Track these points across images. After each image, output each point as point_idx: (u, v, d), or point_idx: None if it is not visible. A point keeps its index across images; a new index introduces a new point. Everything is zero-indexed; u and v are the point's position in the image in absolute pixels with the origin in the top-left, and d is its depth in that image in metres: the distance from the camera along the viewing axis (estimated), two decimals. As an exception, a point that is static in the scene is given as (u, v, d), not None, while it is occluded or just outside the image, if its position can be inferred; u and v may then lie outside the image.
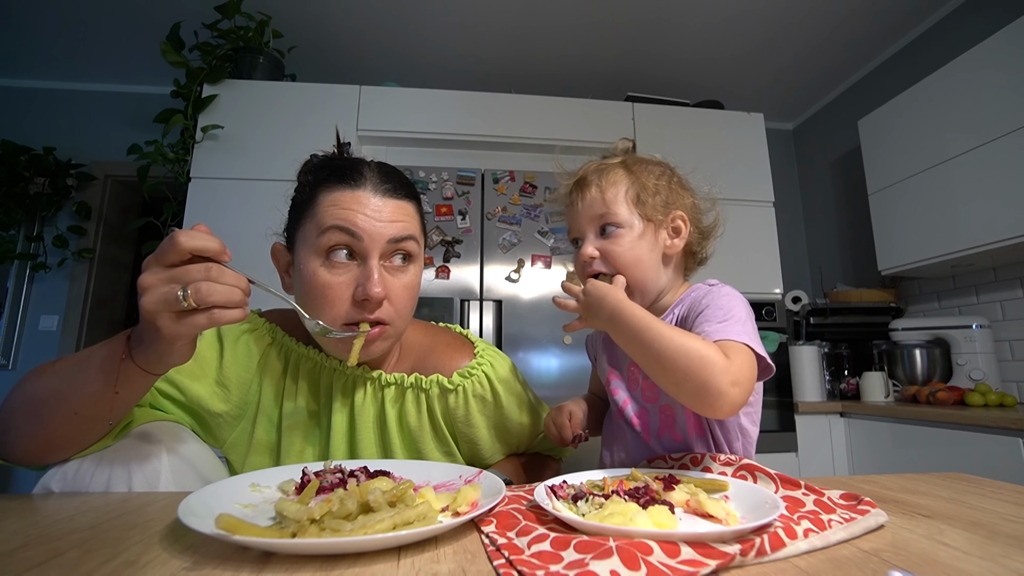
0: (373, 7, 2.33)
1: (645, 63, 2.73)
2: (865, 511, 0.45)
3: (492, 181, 2.19)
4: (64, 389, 0.53)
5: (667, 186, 0.71)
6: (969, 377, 1.96)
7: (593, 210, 0.70)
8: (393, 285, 0.65)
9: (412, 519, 0.40)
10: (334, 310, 0.62)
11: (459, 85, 2.69)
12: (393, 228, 0.64)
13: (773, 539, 0.38)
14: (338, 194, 0.64)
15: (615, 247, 0.68)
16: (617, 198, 0.69)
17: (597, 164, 0.73)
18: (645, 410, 0.70)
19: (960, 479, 0.64)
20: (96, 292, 2.71)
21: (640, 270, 0.68)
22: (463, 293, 2.08)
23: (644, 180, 0.70)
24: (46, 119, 2.78)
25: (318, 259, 0.63)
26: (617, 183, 0.70)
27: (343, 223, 0.62)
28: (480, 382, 0.75)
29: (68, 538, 0.41)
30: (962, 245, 1.86)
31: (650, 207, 0.69)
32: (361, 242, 0.63)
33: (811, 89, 2.94)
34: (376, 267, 0.63)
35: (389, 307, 0.65)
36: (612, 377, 0.75)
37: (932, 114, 1.99)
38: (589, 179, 0.71)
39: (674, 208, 0.71)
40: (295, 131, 2.20)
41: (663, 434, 0.68)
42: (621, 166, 0.72)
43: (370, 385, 0.73)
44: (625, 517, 0.41)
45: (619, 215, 0.69)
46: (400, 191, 0.68)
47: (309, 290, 0.63)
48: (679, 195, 0.72)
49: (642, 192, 0.69)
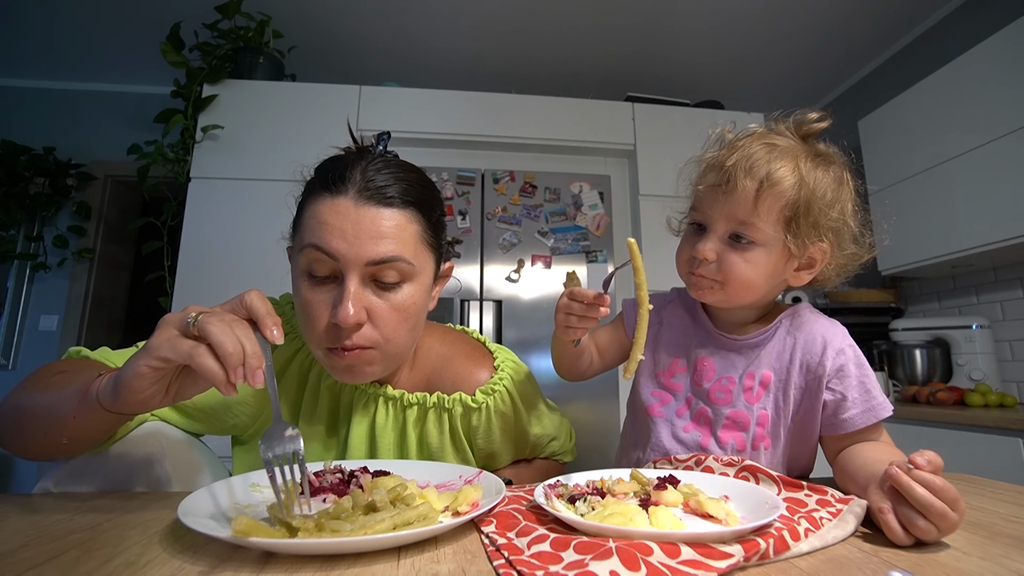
0: (373, 7, 2.33)
1: (645, 63, 2.73)
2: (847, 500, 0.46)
3: (492, 181, 2.19)
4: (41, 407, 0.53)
5: (827, 210, 0.59)
6: (969, 377, 1.96)
7: (737, 211, 0.59)
8: (378, 307, 0.58)
9: (412, 519, 0.40)
10: (316, 330, 0.58)
11: (459, 85, 2.69)
12: (374, 249, 0.56)
13: (779, 543, 0.38)
14: (318, 204, 0.58)
15: (737, 261, 0.60)
16: (770, 212, 0.58)
17: (767, 155, 0.59)
18: (709, 411, 0.66)
19: (960, 479, 0.64)
20: (96, 292, 2.71)
21: (748, 292, 0.63)
22: (463, 293, 2.08)
23: (810, 199, 0.58)
24: (46, 119, 2.78)
25: (303, 276, 0.59)
26: (780, 194, 0.58)
27: (318, 242, 0.56)
28: (503, 399, 0.71)
29: (68, 538, 0.41)
30: (962, 245, 1.86)
31: (799, 234, 0.59)
32: (337, 263, 0.56)
33: (811, 89, 2.94)
34: (351, 291, 0.55)
35: (371, 331, 0.58)
36: (677, 368, 0.70)
37: (932, 114, 1.99)
38: (753, 176, 0.58)
39: (820, 239, 0.60)
40: (295, 131, 2.20)
41: (727, 440, 0.65)
42: (795, 171, 0.59)
43: (392, 405, 0.69)
44: (625, 518, 0.41)
45: (762, 232, 0.59)
46: (392, 198, 0.58)
47: (297, 305, 0.61)
48: (839, 222, 0.60)
49: (801, 215, 0.58)
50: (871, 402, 0.61)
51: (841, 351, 0.63)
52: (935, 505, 0.40)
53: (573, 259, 2.18)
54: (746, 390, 0.66)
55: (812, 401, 0.63)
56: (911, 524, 0.41)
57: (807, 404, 0.64)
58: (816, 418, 0.64)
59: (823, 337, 0.64)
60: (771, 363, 0.66)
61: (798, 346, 0.65)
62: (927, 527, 0.40)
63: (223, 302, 0.47)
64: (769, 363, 0.66)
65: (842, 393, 0.62)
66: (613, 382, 2.10)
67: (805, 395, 0.64)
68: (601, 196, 2.26)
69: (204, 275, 2.01)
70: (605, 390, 2.09)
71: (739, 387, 0.66)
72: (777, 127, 0.64)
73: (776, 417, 0.65)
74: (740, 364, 0.67)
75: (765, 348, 0.66)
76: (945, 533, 0.41)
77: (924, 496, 0.41)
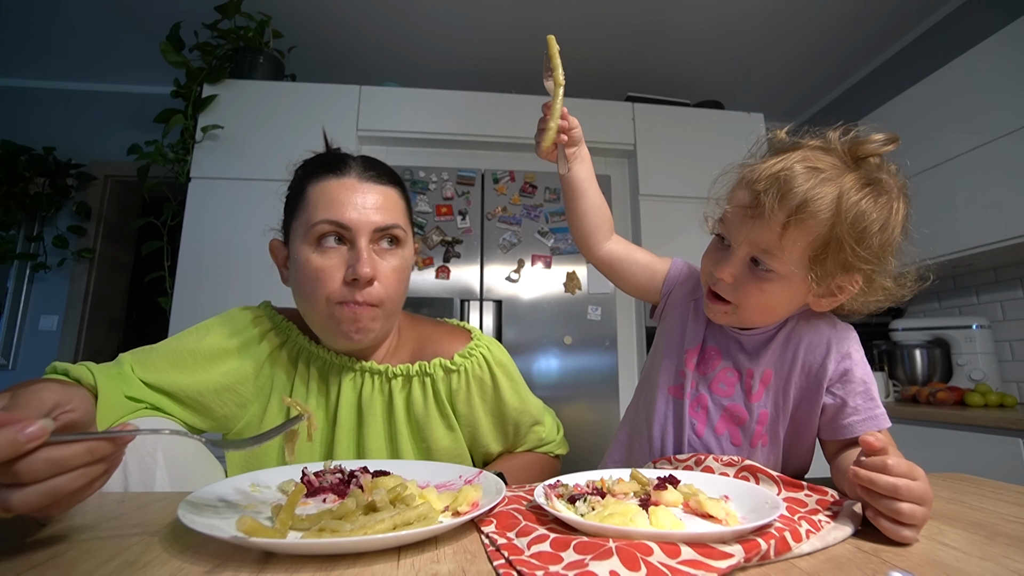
0: (373, 7, 2.33)
1: (645, 63, 2.73)
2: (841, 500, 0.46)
3: (492, 181, 2.19)
4: None
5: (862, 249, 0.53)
6: (969, 377, 1.96)
7: (760, 238, 0.55)
8: (382, 267, 0.68)
9: (412, 519, 0.40)
10: (326, 289, 0.65)
11: (459, 85, 2.69)
12: (379, 216, 0.68)
13: (780, 544, 0.38)
14: (325, 184, 0.68)
15: (753, 290, 0.58)
16: (795, 245, 0.54)
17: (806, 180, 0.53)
18: (708, 399, 0.67)
19: (960, 479, 0.64)
20: (96, 292, 2.71)
21: (762, 317, 0.62)
22: (463, 293, 2.08)
23: (843, 237, 0.52)
24: (46, 119, 2.78)
25: (311, 247, 0.67)
26: (811, 229, 0.53)
27: (331, 215, 0.66)
28: (479, 364, 0.77)
29: (68, 538, 0.41)
30: (962, 245, 1.86)
31: (823, 269, 0.55)
32: (349, 231, 0.66)
33: (811, 89, 2.95)
34: (365, 249, 0.66)
35: (379, 287, 0.67)
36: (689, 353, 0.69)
37: (932, 114, 1.99)
38: (783, 204, 0.53)
39: (852, 272, 0.55)
40: (295, 131, 2.20)
41: (722, 431, 0.66)
42: (832, 203, 0.52)
43: (377, 378, 0.75)
44: (625, 518, 0.41)
45: (783, 264, 0.55)
46: (383, 177, 0.71)
47: (304, 276, 0.67)
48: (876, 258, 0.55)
49: (831, 253, 0.53)
50: (875, 411, 0.61)
51: (847, 355, 0.63)
52: (898, 484, 0.41)
53: (573, 259, 2.18)
54: (747, 386, 0.66)
55: (811, 403, 0.64)
56: (896, 513, 0.41)
57: (806, 405, 0.64)
58: (814, 420, 0.64)
59: (828, 340, 0.63)
60: (773, 362, 0.66)
61: (802, 346, 0.64)
62: (909, 508, 0.41)
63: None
64: (771, 361, 0.66)
65: (843, 399, 0.62)
66: (613, 382, 2.10)
67: (804, 396, 0.64)
68: (601, 196, 2.25)
69: (204, 275, 2.01)
70: (605, 390, 2.09)
71: (740, 382, 0.67)
72: (830, 142, 0.58)
73: (775, 416, 0.65)
74: (743, 360, 0.67)
75: (770, 348, 0.66)
76: (927, 504, 0.41)
77: (886, 481, 0.42)
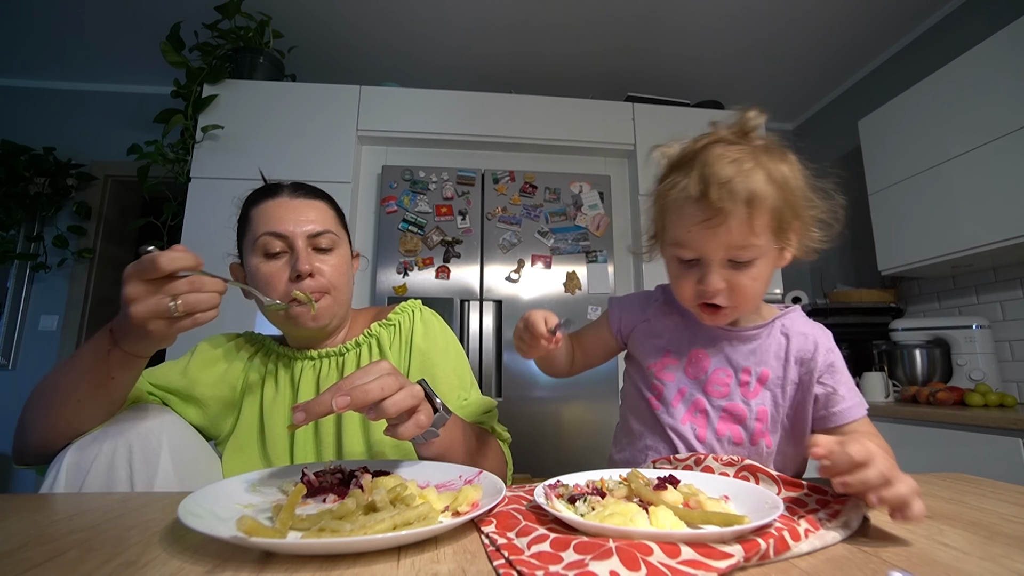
0: (373, 7, 2.33)
1: (645, 63, 2.73)
2: (843, 500, 0.46)
3: (492, 181, 2.19)
4: (64, 383, 0.62)
5: (803, 199, 0.61)
6: (969, 377, 1.96)
7: (734, 239, 0.58)
8: (322, 262, 0.79)
9: (412, 519, 0.40)
10: (277, 291, 0.76)
11: (459, 85, 2.69)
12: (310, 225, 0.79)
13: (779, 544, 0.38)
14: (263, 205, 0.80)
15: (746, 280, 0.61)
16: (764, 227, 0.59)
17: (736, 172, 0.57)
18: (706, 402, 0.68)
19: (960, 479, 0.64)
20: (96, 292, 2.70)
21: (756, 300, 0.65)
22: (463, 293, 2.08)
23: (788, 197, 0.60)
24: (46, 119, 2.78)
25: (259, 258, 0.78)
26: (767, 210, 0.58)
27: (270, 227, 0.77)
28: (408, 316, 0.88)
29: (68, 538, 0.41)
30: (962, 245, 1.86)
31: (783, 231, 0.60)
32: (286, 239, 0.77)
33: (811, 89, 2.94)
34: (303, 251, 0.77)
35: (321, 279, 0.78)
36: (669, 360, 0.70)
37: (932, 114, 1.99)
38: (735, 193, 0.57)
39: (796, 220, 0.62)
40: (295, 131, 2.20)
41: (724, 432, 0.67)
42: (767, 178, 0.58)
43: (333, 359, 0.84)
44: (625, 518, 0.41)
45: (760, 247, 0.59)
46: (311, 194, 0.84)
47: (257, 281, 0.78)
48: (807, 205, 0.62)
49: (785, 216, 0.60)
50: (858, 398, 0.66)
51: (831, 349, 0.68)
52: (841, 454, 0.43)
53: (573, 259, 2.19)
54: (743, 384, 0.68)
55: (804, 394, 0.67)
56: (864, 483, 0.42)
57: (800, 397, 0.67)
58: (808, 411, 0.66)
59: (814, 337, 0.69)
60: (769, 361, 0.68)
61: (792, 343, 0.68)
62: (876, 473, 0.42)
63: (136, 270, 0.55)
64: (767, 361, 0.68)
65: (832, 387, 0.66)
66: (613, 382, 2.10)
67: (799, 389, 0.67)
68: (601, 196, 2.26)
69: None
70: (605, 390, 2.09)
71: (736, 381, 0.68)
72: (720, 134, 0.63)
73: (775, 412, 0.67)
74: (737, 358, 0.68)
75: (762, 345, 0.68)
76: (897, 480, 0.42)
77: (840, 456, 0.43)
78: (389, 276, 2.08)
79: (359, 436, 0.78)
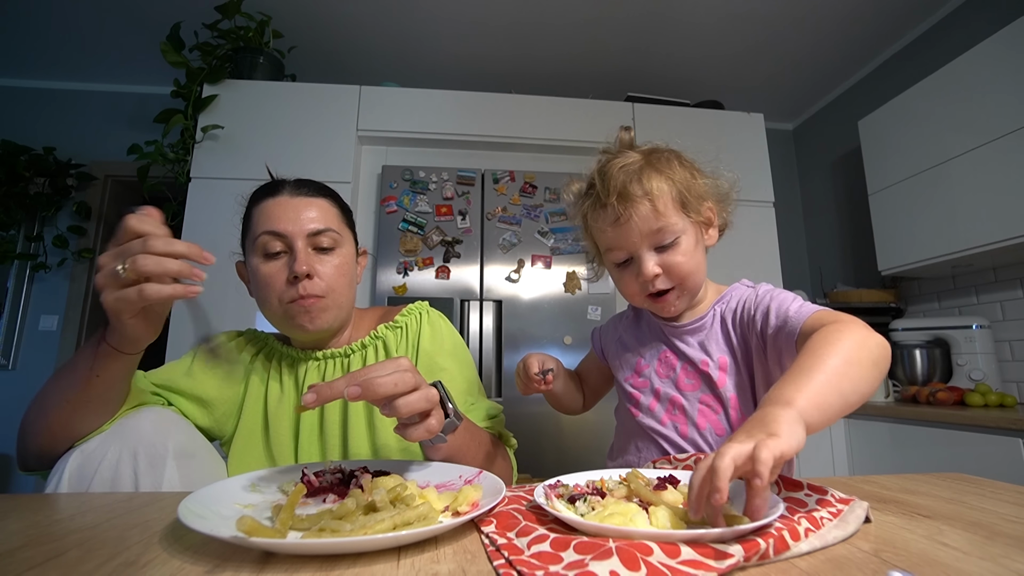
0: (373, 7, 2.33)
1: (645, 63, 2.72)
2: (847, 500, 0.46)
3: (492, 181, 2.19)
4: (58, 384, 0.62)
5: (691, 176, 0.68)
6: (969, 377, 1.96)
7: (648, 225, 0.65)
8: (322, 264, 0.77)
9: (412, 519, 0.40)
10: (276, 291, 0.75)
11: (459, 85, 2.69)
12: (311, 223, 0.77)
13: (779, 543, 0.38)
14: (263, 204, 0.78)
15: (677, 258, 0.66)
16: (668, 207, 0.66)
17: (624, 170, 0.67)
18: (682, 399, 0.70)
19: (960, 479, 0.64)
20: (96, 292, 2.70)
21: (699, 275, 0.69)
22: (463, 293, 2.08)
23: (678, 178, 0.67)
24: (46, 119, 2.78)
25: (259, 258, 0.77)
26: (662, 190, 0.65)
27: (269, 226, 0.76)
28: (416, 319, 0.87)
29: (68, 538, 0.41)
30: (962, 245, 1.86)
31: (692, 206, 0.67)
32: (286, 238, 0.75)
33: (811, 89, 2.94)
34: (302, 251, 0.75)
35: (319, 282, 0.76)
36: (641, 367, 0.75)
37: (932, 114, 1.99)
38: (633, 191, 0.65)
39: (704, 199, 0.69)
40: (295, 131, 2.20)
41: (704, 425, 0.68)
42: (652, 169, 0.67)
43: (338, 359, 0.83)
44: (625, 518, 0.41)
45: (675, 225, 0.66)
46: (313, 191, 0.81)
47: (257, 283, 0.77)
48: (700, 182, 0.69)
49: (683, 192, 0.66)
50: (797, 301, 0.65)
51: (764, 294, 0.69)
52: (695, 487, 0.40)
53: (573, 259, 2.19)
54: (707, 375, 0.70)
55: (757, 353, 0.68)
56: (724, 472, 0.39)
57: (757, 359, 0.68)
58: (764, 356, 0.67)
59: (737, 295, 0.73)
60: (721, 347, 0.71)
61: (727, 316, 0.71)
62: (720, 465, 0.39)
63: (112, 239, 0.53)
64: (720, 348, 0.71)
65: (767, 306, 0.66)
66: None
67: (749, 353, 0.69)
68: (601, 196, 2.25)
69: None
70: (605, 390, 2.09)
71: (700, 373, 0.71)
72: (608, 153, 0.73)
73: (743, 397, 0.69)
74: (694, 352, 0.72)
75: (709, 335, 0.71)
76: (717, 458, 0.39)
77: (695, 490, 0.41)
78: (389, 276, 2.08)
79: (365, 439, 0.78)
